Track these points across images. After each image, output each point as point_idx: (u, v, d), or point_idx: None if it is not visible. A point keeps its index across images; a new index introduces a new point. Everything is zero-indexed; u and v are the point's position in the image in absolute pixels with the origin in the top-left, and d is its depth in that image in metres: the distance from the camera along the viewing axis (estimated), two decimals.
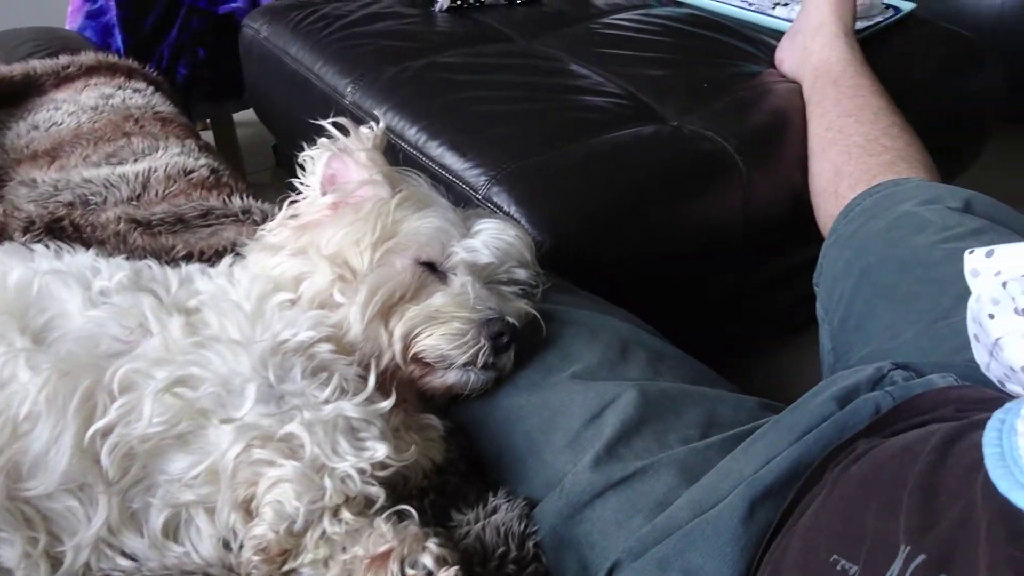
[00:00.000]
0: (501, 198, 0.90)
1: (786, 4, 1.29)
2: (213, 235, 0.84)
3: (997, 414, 0.38)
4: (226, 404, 0.51)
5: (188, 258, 0.78)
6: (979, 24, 1.64)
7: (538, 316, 0.64)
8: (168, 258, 0.77)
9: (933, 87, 1.20)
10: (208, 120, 1.84)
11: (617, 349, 0.64)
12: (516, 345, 0.61)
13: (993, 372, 0.50)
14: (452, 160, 0.97)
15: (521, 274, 0.66)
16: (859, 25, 1.19)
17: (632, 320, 0.72)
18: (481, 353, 0.59)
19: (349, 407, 0.52)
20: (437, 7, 1.34)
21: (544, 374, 0.62)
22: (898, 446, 0.42)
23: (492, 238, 0.64)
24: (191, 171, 0.96)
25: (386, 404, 0.54)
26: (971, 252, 0.53)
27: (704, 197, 0.97)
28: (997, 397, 0.50)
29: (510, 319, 0.61)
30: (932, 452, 0.38)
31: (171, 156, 0.99)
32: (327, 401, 0.52)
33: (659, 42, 1.21)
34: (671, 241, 0.95)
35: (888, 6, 1.27)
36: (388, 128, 1.01)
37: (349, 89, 1.15)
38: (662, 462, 0.55)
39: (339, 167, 0.66)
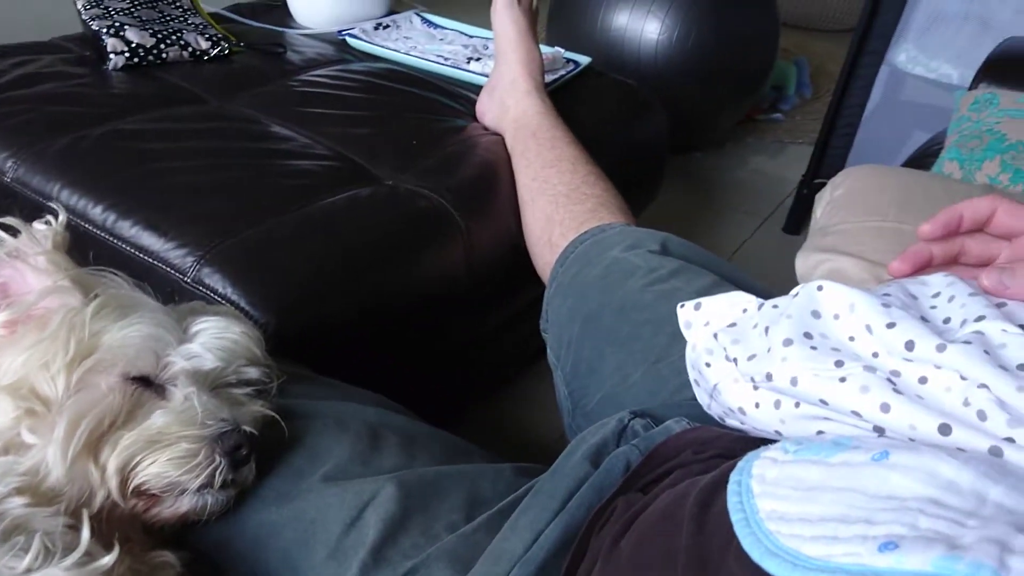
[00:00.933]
0: (213, 279, 0.82)
1: (479, 59, 1.34)
2: None
3: (733, 476, 0.41)
4: None
5: None
6: (641, 74, 1.86)
7: (277, 417, 0.59)
8: None
9: (614, 131, 1.32)
10: None
11: (367, 438, 0.61)
12: (256, 454, 0.56)
13: (714, 411, 0.55)
14: (151, 241, 0.87)
15: (252, 373, 0.60)
16: (547, 78, 1.28)
17: (377, 400, 0.69)
18: (218, 472, 0.53)
19: (60, 574, 0.43)
20: (110, 65, 1.21)
21: (293, 481, 0.57)
22: (659, 513, 0.44)
23: (214, 339, 0.57)
24: None
25: (108, 560, 0.45)
26: (682, 306, 0.58)
27: (427, 254, 0.97)
28: (724, 433, 0.55)
29: (247, 428, 0.55)
30: (691, 521, 0.40)
31: None
32: (30, 571, 0.43)
33: (363, 99, 1.19)
34: (400, 300, 0.94)
35: (569, 60, 1.38)
36: (68, 210, 0.89)
37: (10, 164, 0.98)
38: (433, 556, 0.52)
39: (11, 276, 0.56)
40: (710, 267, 0.84)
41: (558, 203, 0.99)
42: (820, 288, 0.50)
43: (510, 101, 1.15)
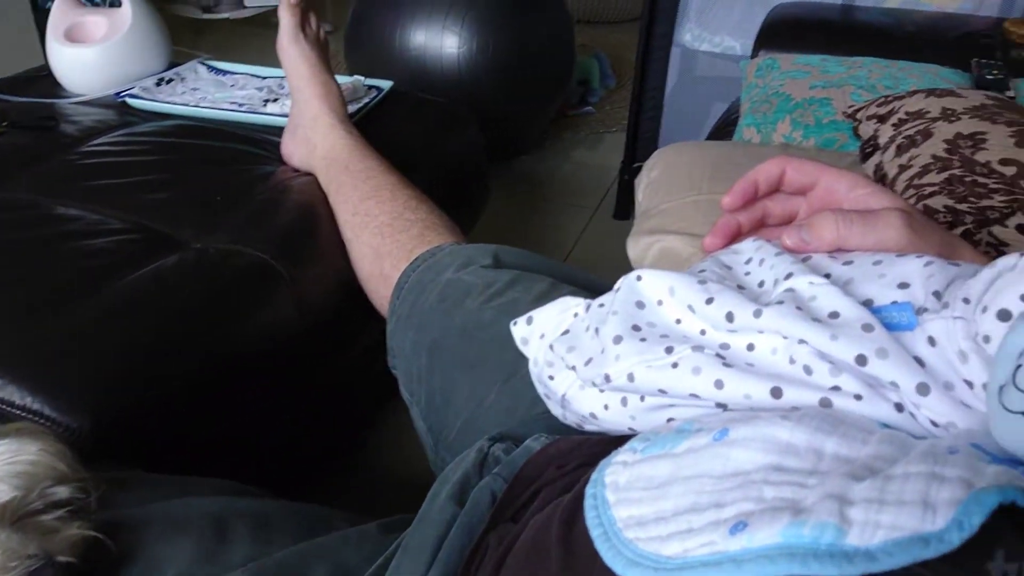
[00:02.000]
0: (8, 391, 0.72)
1: (276, 100, 1.29)
2: None
3: (588, 489, 0.39)
4: None
5: None
6: (448, 89, 1.86)
7: (99, 536, 0.52)
8: None
9: (430, 150, 1.30)
10: None
11: (212, 533, 0.55)
12: None
13: (570, 420, 0.54)
14: None
15: (62, 492, 0.53)
16: (351, 108, 1.24)
17: (219, 487, 0.63)
18: None
19: None
20: None
21: None
22: (528, 544, 0.42)
23: (5, 466, 0.50)
24: None
25: None
26: (515, 323, 0.57)
27: (252, 313, 0.91)
28: (584, 440, 0.54)
29: (62, 558, 0.48)
30: (559, 546, 0.38)
31: None
32: None
33: (155, 162, 1.11)
34: (231, 368, 0.87)
35: (370, 87, 1.35)
36: None
37: None
38: None
39: None
40: (545, 271, 0.83)
41: (383, 234, 0.96)
42: (639, 278, 0.49)
43: (316, 138, 1.10)
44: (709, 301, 0.45)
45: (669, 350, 0.45)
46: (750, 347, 0.44)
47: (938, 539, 0.28)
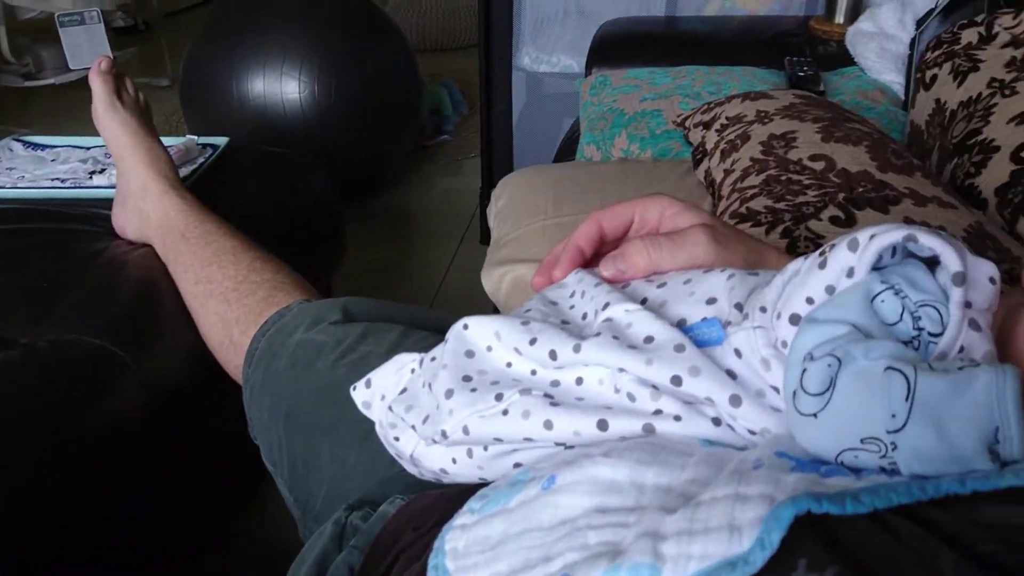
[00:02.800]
0: None
1: (103, 171, 1.22)
2: None
3: (430, 561, 0.38)
4: None
5: None
6: (296, 136, 1.82)
7: None
8: None
9: (276, 203, 1.27)
10: None
11: None
12: None
13: (427, 476, 0.53)
14: None
15: None
16: (185, 171, 1.19)
17: None
18: None
19: None
20: None
21: None
22: None
23: None
24: None
25: None
26: (354, 388, 0.56)
27: (95, 405, 0.85)
28: (441, 494, 0.53)
29: None
30: None
31: None
32: None
33: None
34: (75, 470, 0.81)
35: (205, 146, 1.30)
36: None
37: None
38: None
39: None
40: (398, 318, 0.82)
41: (229, 301, 0.92)
42: (466, 327, 0.49)
43: (147, 208, 1.05)
44: (533, 342, 0.45)
45: (499, 397, 0.44)
46: (579, 381, 0.44)
47: (744, 561, 0.28)
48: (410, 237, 2.17)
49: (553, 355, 0.44)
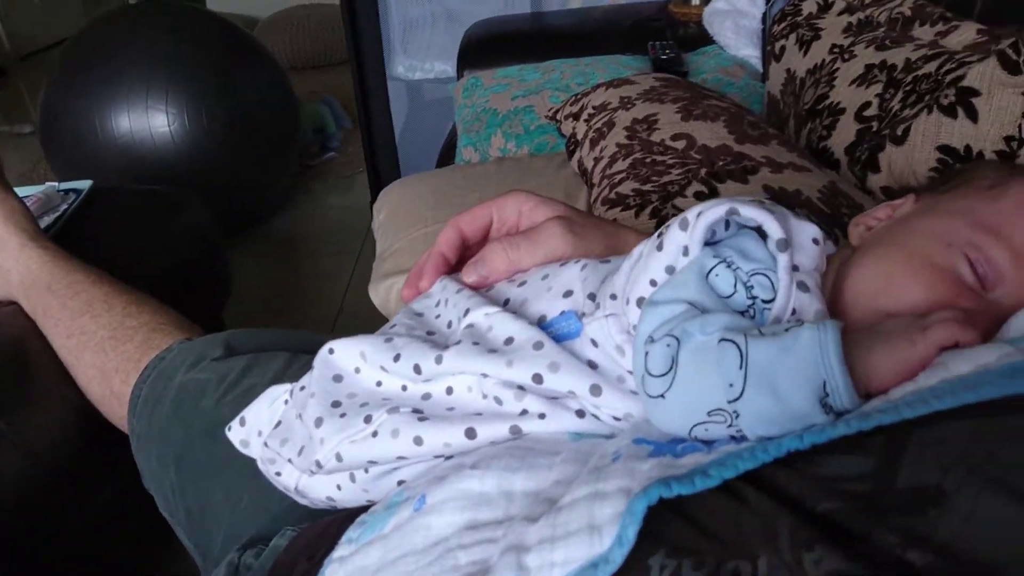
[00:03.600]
0: None
1: None
2: None
3: None
4: None
5: None
6: (171, 170, 1.76)
7: None
8: None
9: (152, 242, 1.22)
10: None
11: None
12: None
13: (318, 505, 0.52)
14: None
15: None
16: (47, 221, 1.13)
17: None
18: None
19: None
20: None
21: None
22: None
23: None
24: None
25: None
26: (229, 429, 0.54)
27: None
28: (331, 521, 0.52)
29: None
30: None
31: None
32: None
33: None
34: None
35: (68, 191, 1.24)
36: None
37: None
38: None
39: None
40: (284, 345, 0.80)
41: (105, 350, 0.87)
42: (331, 351, 0.48)
43: (7, 263, 0.99)
44: (397, 358, 0.45)
45: (368, 419, 0.44)
46: (449, 390, 0.44)
47: (604, 560, 0.28)
48: (305, 260, 2.13)
49: (418, 369, 0.44)
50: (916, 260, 0.38)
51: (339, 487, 0.48)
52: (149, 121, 1.76)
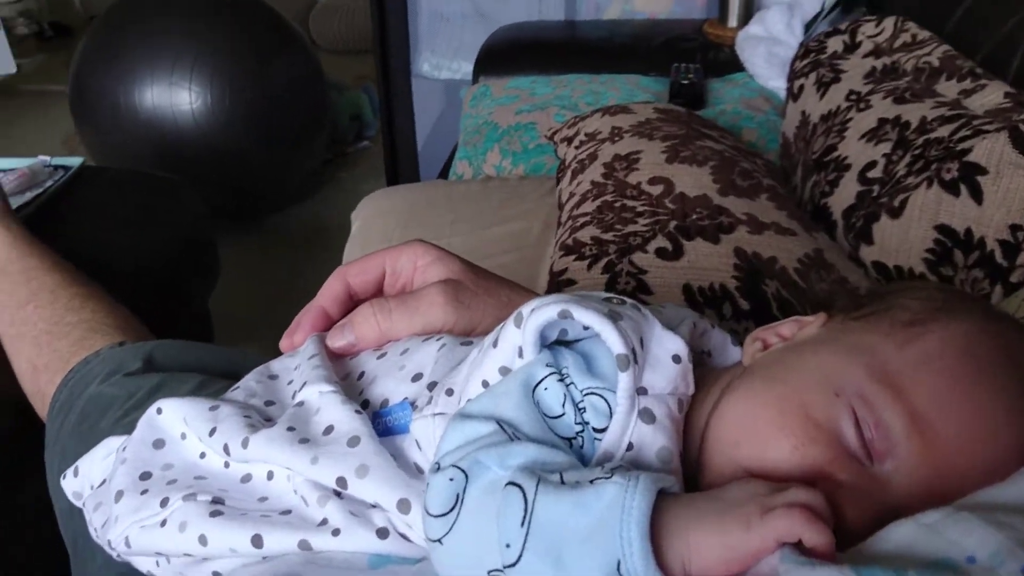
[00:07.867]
0: None
1: None
2: None
3: None
4: None
5: None
6: (191, 149, 1.74)
7: None
8: None
9: (137, 229, 1.19)
10: None
11: None
12: None
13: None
14: None
15: None
16: (26, 197, 1.11)
17: None
18: None
19: None
20: None
21: None
22: None
23: None
24: None
25: None
26: (64, 477, 0.50)
27: None
28: None
29: None
30: None
31: None
32: None
33: None
34: None
35: (56, 167, 1.22)
36: None
37: None
38: None
39: None
40: (210, 363, 0.76)
41: (40, 345, 0.84)
42: (159, 411, 0.43)
43: None
44: (212, 432, 0.40)
45: (164, 503, 0.38)
46: (270, 475, 0.39)
47: None
48: (323, 250, 2.10)
49: (227, 449, 0.38)
50: (790, 407, 0.31)
51: (157, 564, 0.43)
52: (171, 99, 1.74)
